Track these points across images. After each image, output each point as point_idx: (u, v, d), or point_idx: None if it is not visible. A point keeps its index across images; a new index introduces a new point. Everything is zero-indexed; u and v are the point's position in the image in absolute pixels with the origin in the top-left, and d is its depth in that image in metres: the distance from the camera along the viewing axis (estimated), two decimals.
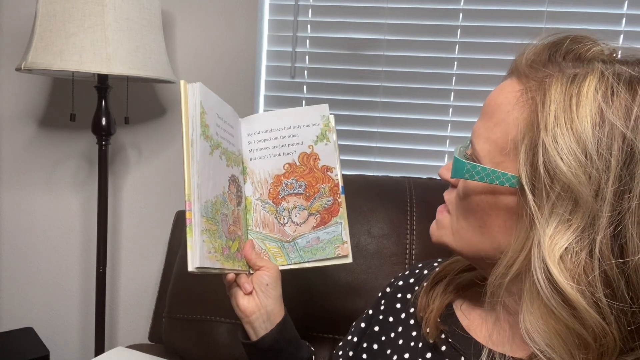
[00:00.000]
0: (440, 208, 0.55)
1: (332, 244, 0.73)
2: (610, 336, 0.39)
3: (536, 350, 0.41)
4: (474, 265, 0.56)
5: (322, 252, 0.73)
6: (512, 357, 0.48)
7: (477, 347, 0.51)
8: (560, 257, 0.40)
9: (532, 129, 0.42)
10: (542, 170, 0.41)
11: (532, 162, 0.42)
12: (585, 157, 0.39)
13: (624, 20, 1.18)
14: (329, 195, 0.73)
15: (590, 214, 0.39)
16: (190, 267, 0.59)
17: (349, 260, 0.73)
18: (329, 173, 0.73)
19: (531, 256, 0.42)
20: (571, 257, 0.39)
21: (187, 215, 0.60)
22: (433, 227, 0.56)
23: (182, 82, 0.64)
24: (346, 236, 0.73)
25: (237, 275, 0.68)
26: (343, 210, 0.73)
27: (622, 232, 0.39)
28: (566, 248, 0.40)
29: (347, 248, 0.73)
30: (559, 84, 0.42)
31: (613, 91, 0.40)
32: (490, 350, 0.49)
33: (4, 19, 1.33)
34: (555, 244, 0.40)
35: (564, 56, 0.45)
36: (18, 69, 1.01)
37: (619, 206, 0.38)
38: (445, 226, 0.53)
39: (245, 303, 0.67)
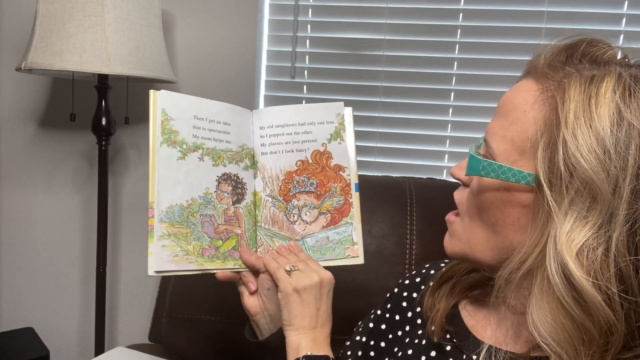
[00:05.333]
0: (448, 216, 0.55)
1: (342, 245, 0.72)
2: (618, 332, 0.40)
3: (541, 343, 0.42)
4: (482, 270, 0.55)
5: (331, 252, 0.72)
6: (510, 352, 0.48)
7: (481, 347, 0.51)
8: (577, 253, 0.40)
9: (552, 126, 0.43)
10: (561, 166, 0.41)
11: (551, 158, 0.43)
12: (604, 154, 0.40)
13: (624, 20, 1.18)
14: (340, 194, 0.72)
15: (607, 211, 0.40)
16: (150, 272, 0.62)
17: (361, 261, 0.72)
18: (341, 172, 0.73)
19: (546, 252, 0.42)
20: (587, 253, 0.40)
21: (149, 222, 0.63)
22: (446, 239, 0.55)
23: (150, 92, 0.65)
24: (357, 237, 0.72)
25: (239, 273, 0.69)
26: (354, 211, 0.72)
27: (637, 230, 0.40)
28: (583, 244, 0.40)
29: (357, 249, 0.72)
30: (577, 84, 0.43)
31: (631, 92, 0.41)
32: (490, 346, 0.49)
33: (4, 19, 1.33)
34: (572, 240, 0.41)
35: (580, 58, 0.46)
36: (18, 69, 1.01)
37: (635, 204, 0.40)
38: (458, 232, 0.53)
39: (250, 302, 0.69)
